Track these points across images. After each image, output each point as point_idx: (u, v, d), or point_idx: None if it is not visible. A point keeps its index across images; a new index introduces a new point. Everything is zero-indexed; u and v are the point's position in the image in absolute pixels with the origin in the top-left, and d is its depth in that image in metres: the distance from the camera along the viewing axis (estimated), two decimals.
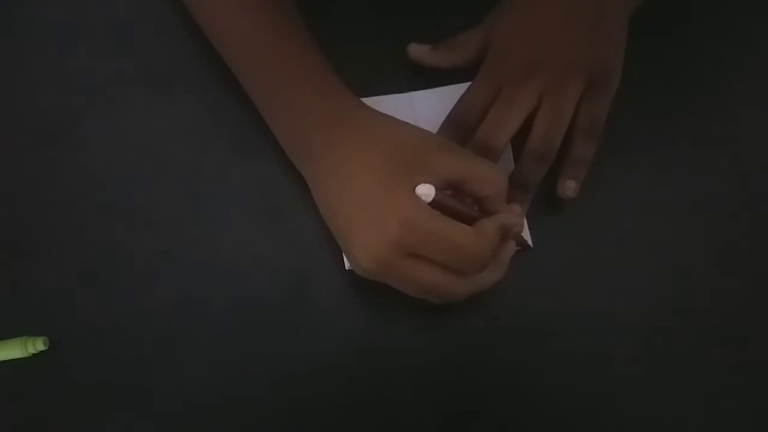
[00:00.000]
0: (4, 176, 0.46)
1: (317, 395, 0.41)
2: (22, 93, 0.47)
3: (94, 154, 0.46)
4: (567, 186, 0.41)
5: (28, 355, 0.42)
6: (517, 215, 0.39)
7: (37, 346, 0.41)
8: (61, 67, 0.48)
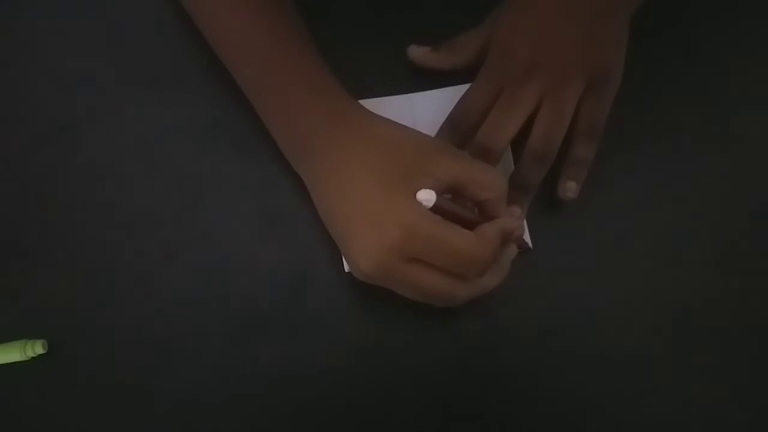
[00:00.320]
0: (2, 176, 0.45)
1: (317, 396, 0.41)
2: (21, 93, 0.47)
3: (93, 156, 0.46)
4: (567, 187, 0.41)
5: (27, 359, 0.41)
6: (517, 218, 0.39)
7: (36, 349, 0.41)
8: (60, 68, 0.47)
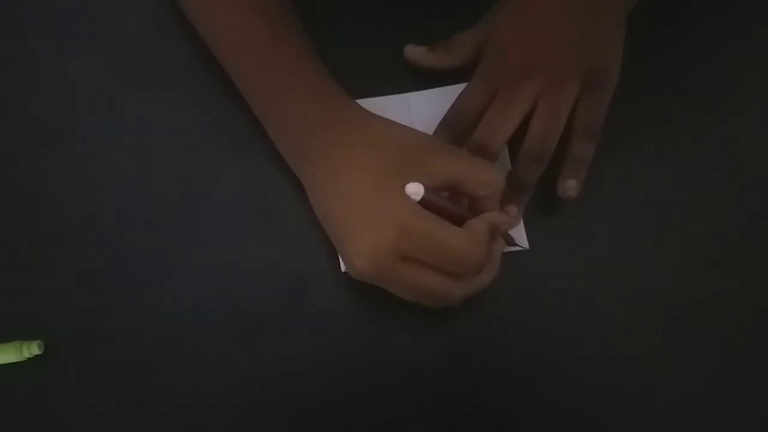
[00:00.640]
0: (0, 177, 0.45)
1: (316, 396, 0.41)
2: (20, 93, 0.47)
3: (91, 156, 0.46)
4: (568, 185, 0.41)
5: (24, 360, 0.41)
6: (511, 215, 0.40)
7: (32, 350, 0.41)
8: (59, 68, 0.47)
